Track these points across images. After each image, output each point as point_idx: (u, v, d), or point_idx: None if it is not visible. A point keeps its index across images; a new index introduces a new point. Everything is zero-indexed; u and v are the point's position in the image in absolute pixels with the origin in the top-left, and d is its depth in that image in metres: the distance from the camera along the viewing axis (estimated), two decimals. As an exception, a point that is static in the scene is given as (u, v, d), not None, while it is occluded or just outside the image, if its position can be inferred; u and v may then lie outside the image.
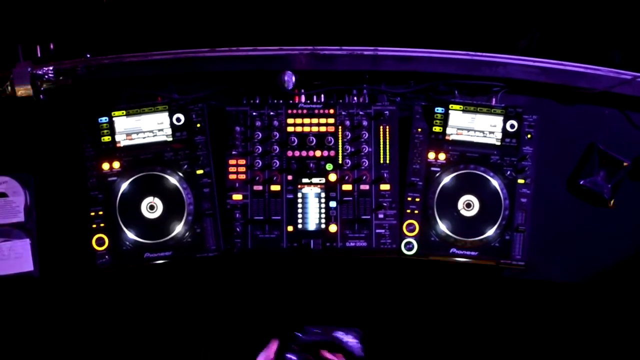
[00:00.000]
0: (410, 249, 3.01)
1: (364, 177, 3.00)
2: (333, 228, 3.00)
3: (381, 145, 3.02)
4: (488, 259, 3.01)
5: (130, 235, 2.97)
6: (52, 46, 3.03)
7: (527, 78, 2.99)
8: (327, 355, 2.71)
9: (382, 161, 3.01)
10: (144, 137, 3.01)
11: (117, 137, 3.00)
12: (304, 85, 3.03)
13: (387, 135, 3.02)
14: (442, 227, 2.99)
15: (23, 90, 2.94)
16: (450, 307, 3.66)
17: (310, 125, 3.02)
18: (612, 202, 3.04)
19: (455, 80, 3.02)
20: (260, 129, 3.01)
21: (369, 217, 3.01)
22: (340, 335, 2.63)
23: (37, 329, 3.49)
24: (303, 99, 3.04)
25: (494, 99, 3.03)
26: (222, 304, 3.53)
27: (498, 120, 3.00)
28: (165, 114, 3.01)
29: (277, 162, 3.00)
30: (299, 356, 2.52)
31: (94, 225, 2.98)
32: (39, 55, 3.00)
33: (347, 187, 3.01)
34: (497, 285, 3.28)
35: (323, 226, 2.99)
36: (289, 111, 3.02)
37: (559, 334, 3.64)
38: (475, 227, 2.98)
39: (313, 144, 3.00)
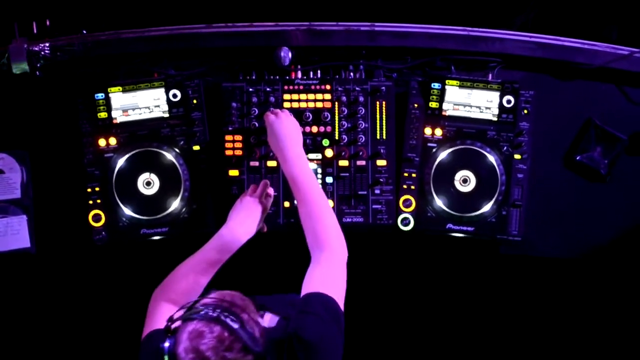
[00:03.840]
0: (406, 225, 3.02)
1: (361, 153, 3.00)
2: (330, 204, 2.99)
3: (378, 121, 3.01)
4: (484, 235, 3.01)
5: (127, 211, 2.97)
6: (48, 22, 3.02)
7: (523, 53, 2.99)
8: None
9: (378, 137, 3.01)
10: (140, 113, 3.01)
11: (114, 113, 3.00)
12: (301, 61, 3.03)
13: (384, 111, 3.01)
14: (439, 202, 2.99)
15: (19, 67, 2.93)
16: (446, 282, 3.68)
17: (307, 101, 3.02)
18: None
19: (452, 55, 3.02)
20: (257, 105, 3.00)
21: (365, 192, 3.01)
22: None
23: (34, 305, 3.50)
24: (299, 74, 3.04)
25: (490, 75, 3.03)
26: (218, 281, 3.54)
27: (494, 96, 2.99)
28: (162, 90, 3.00)
29: (274, 138, 2.99)
30: None
31: (91, 202, 2.99)
32: (35, 31, 2.99)
33: (343, 162, 3.01)
34: (494, 261, 3.28)
35: (320, 202, 2.99)
36: (285, 87, 3.01)
37: (556, 308, 3.66)
38: (472, 203, 2.99)
39: (309, 119, 3.00)
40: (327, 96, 3.01)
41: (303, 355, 2.30)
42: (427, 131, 3.02)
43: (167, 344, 2.15)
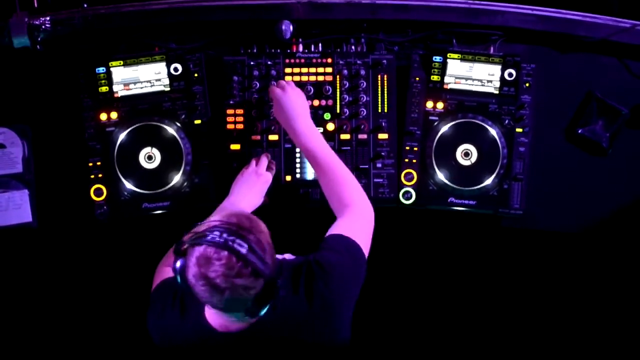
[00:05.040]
0: (408, 198, 3.02)
1: (362, 127, 3.00)
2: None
3: (379, 95, 3.01)
4: (486, 208, 3.01)
5: (129, 185, 2.97)
6: (49, -4, 3.02)
7: (525, 26, 2.98)
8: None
9: (380, 110, 3.01)
10: (141, 87, 3.01)
11: (115, 88, 2.99)
12: (302, 35, 3.02)
13: (385, 84, 3.01)
14: (440, 176, 2.99)
15: (20, 41, 2.92)
16: (448, 255, 3.68)
17: (308, 74, 3.01)
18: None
19: (454, 29, 3.00)
20: (258, 79, 3.00)
21: (367, 166, 3.01)
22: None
23: (36, 279, 3.51)
24: (301, 48, 3.03)
25: (492, 48, 3.02)
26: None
27: (496, 69, 2.99)
28: (163, 64, 3.00)
29: (275, 112, 2.99)
30: None
31: (92, 176, 2.99)
32: (35, 5, 2.98)
33: (345, 136, 3.01)
34: (496, 235, 3.28)
35: (321, 175, 2.99)
36: (287, 60, 3.01)
37: (557, 282, 3.66)
38: (473, 176, 2.99)
39: (311, 93, 3.00)
40: (329, 69, 3.01)
41: (320, 274, 2.33)
42: (429, 104, 3.02)
43: (178, 264, 2.14)
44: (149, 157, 2.98)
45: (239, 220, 2.16)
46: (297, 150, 2.98)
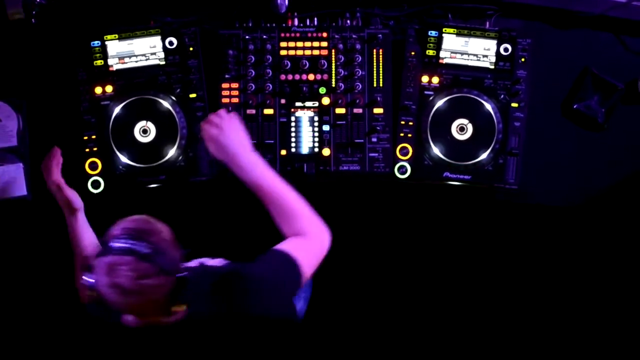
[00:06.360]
0: (403, 173, 3.01)
1: (358, 101, 3.00)
2: (326, 152, 2.99)
3: (374, 69, 3.01)
4: (481, 183, 3.01)
5: (124, 159, 2.97)
6: (43, -31, 3.01)
7: (521, 1, 2.98)
8: None
9: (375, 85, 3.01)
10: (136, 61, 3.00)
11: (110, 61, 2.99)
12: (297, 9, 3.01)
13: (381, 58, 3.01)
14: (436, 150, 2.99)
15: (15, 14, 2.91)
16: (442, 229, 3.69)
17: (304, 48, 3.01)
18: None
19: (449, 3, 3.00)
20: (253, 53, 3.00)
21: (362, 140, 3.01)
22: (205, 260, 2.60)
23: (31, 252, 3.51)
24: (296, 22, 3.02)
25: (487, 23, 3.01)
26: (214, 228, 3.56)
27: (492, 44, 2.98)
28: (158, 38, 2.99)
29: (270, 86, 2.99)
30: None
31: (87, 150, 2.99)
32: (30, -22, 2.98)
33: (340, 110, 3.01)
34: (491, 209, 3.29)
35: (316, 150, 3.00)
36: (282, 34, 3.00)
37: (552, 256, 3.67)
38: (469, 151, 2.99)
39: (306, 67, 3.00)
40: (324, 44, 3.00)
41: (239, 288, 2.27)
42: (424, 79, 3.01)
43: (90, 280, 2.16)
44: (144, 131, 2.98)
45: (137, 225, 2.19)
46: (292, 124, 2.98)
